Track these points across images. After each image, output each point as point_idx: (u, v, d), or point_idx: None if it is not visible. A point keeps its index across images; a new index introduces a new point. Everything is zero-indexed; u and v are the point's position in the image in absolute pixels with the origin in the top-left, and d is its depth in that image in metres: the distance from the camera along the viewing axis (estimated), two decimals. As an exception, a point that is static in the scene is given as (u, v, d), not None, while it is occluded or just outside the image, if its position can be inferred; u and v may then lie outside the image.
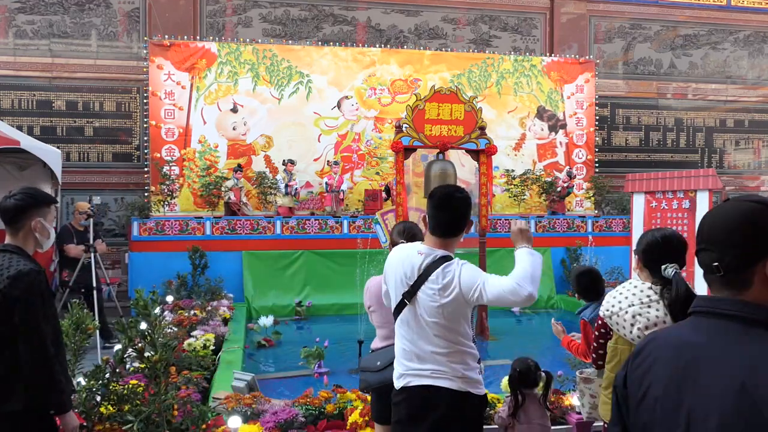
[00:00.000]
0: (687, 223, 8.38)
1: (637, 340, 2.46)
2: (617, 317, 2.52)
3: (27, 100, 10.19)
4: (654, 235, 2.57)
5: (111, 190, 10.32)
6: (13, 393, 2.39)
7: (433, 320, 2.40)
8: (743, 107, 12.91)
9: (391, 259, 2.63)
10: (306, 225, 9.37)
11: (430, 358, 2.40)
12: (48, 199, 2.67)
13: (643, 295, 2.49)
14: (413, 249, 2.54)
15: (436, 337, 2.40)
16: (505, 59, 11.29)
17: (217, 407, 3.66)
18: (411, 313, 2.46)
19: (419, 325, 2.44)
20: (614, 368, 2.57)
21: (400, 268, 2.51)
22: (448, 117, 5.05)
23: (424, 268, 2.44)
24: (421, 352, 2.43)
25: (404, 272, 2.49)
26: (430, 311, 2.40)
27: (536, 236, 10.05)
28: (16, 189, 2.62)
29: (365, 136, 10.80)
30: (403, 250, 2.59)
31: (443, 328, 2.40)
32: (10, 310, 2.37)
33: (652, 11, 12.43)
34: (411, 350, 2.45)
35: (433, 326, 2.40)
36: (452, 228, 2.54)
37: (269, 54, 10.44)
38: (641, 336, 2.43)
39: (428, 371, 2.40)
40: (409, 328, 2.47)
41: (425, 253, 2.48)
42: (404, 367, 2.48)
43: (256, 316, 7.97)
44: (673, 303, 2.24)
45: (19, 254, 2.50)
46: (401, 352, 2.51)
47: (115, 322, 3.47)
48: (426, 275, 2.42)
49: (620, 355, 2.55)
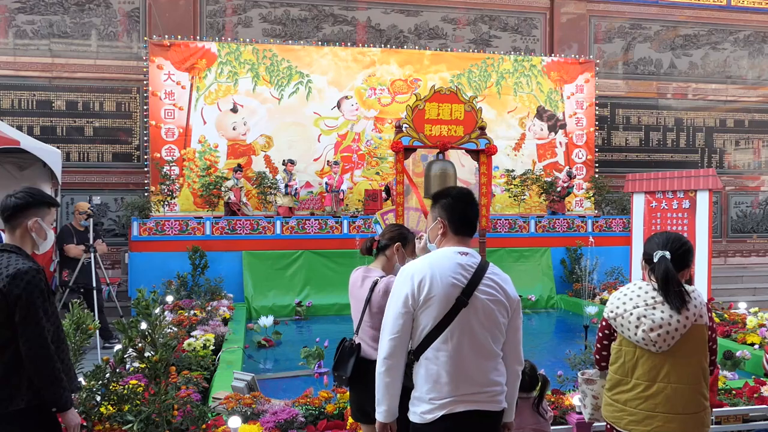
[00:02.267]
0: (687, 223, 8.38)
1: (641, 342, 2.45)
2: (622, 319, 2.50)
3: (27, 100, 10.19)
4: (658, 237, 2.59)
5: (111, 190, 10.33)
6: (16, 392, 2.40)
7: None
8: (743, 107, 12.91)
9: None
10: (306, 225, 9.37)
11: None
12: (48, 200, 2.66)
13: (648, 297, 2.48)
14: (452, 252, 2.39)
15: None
16: (505, 59, 11.29)
17: (217, 407, 3.66)
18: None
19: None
20: (618, 370, 2.55)
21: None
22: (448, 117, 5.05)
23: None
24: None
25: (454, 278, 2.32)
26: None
27: (536, 236, 10.09)
28: (19, 188, 2.63)
29: (365, 136, 10.80)
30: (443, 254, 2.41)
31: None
32: (11, 309, 2.38)
33: (652, 11, 12.44)
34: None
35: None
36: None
37: (269, 54, 10.44)
38: (646, 338, 2.42)
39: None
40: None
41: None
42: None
43: (256, 316, 7.97)
44: (657, 282, 2.46)
45: (18, 253, 2.50)
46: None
47: (115, 322, 3.47)
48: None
49: (624, 357, 2.52)
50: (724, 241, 12.68)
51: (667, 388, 2.43)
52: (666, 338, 2.40)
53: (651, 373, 2.45)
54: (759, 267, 12.35)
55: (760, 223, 12.95)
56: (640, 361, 2.47)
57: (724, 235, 12.75)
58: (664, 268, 2.44)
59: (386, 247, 3.11)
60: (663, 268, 2.45)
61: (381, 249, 3.13)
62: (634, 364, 2.49)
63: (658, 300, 2.45)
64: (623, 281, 9.43)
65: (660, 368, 2.44)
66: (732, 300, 8.19)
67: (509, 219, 10.13)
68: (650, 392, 2.45)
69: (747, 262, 12.68)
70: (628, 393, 2.50)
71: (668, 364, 2.43)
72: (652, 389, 2.45)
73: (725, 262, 12.51)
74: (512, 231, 10.03)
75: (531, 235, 10.08)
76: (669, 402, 2.43)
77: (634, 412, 2.47)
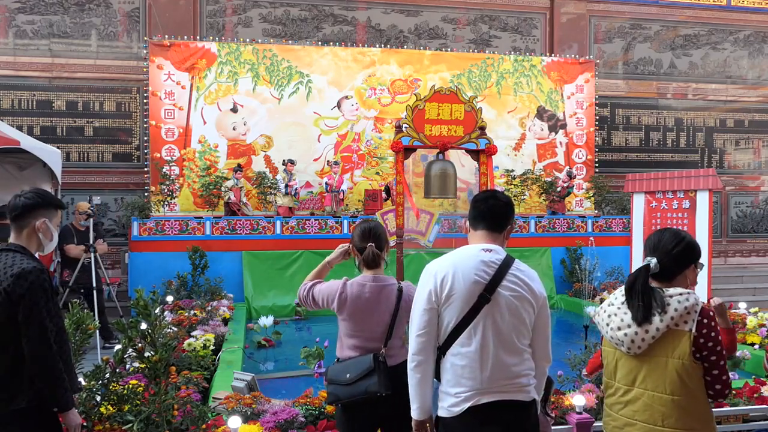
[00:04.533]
0: (687, 223, 8.38)
1: (613, 341, 2.35)
2: (598, 317, 2.44)
3: (27, 100, 10.19)
4: (652, 237, 2.48)
5: (111, 190, 10.33)
6: (18, 391, 2.40)
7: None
8: (743, 107, 12.91)
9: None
10: (306, 225, 9.37)
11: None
12: (56, 202, 2.69)
13: (622, 297, 2.38)
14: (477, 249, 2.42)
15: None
16: (505, 59, 11.29)
17: (217, 407, 3.66)
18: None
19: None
20: (605, 372, 2.45)
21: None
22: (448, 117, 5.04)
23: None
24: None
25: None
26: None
27: (536, 236, 10.09)
28: (28, 189, 2.65)
29: (365, 136, 10.80)
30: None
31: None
32: (14, 308, 2.38)
33: (652, 11, 12.44)
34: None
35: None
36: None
37: (269, 54, 10.44)
38: (613, 337, 2.33)
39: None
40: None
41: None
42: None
43: (256, 316, 7.97)
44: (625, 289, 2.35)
45: (23, 253, 2.51)
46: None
47: (114, 322, 3.47)
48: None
49: (607, 358, 2.42)
50: (724, 241, 12.69)
51: (644, 395, 2.26)
52: (634, 339, 2.25)
53: (629, 377, 2.31)
54: (759, 267, 12.35)
55: (760, 223, 12.95)
56: (620, 363, 2.36)
57: (724, 235, 12.75)
58: (633, 278, 2.32)
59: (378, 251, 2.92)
60: (632, 278, 2.33)
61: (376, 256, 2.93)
62: (615, 365, 2.38)
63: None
64: (623, 281, 9.42)
65: (637, 372, 2.29)
66: (732, 300, 8.18)
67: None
68: (629, 397, 2.31)
69: (747, 262, 12.68)
70: (612, 397, 2.39)
71: (645, 369, 2.26)
72: (631, 394, 2.30)
73: (725, 262, 12.52)
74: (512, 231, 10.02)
75: (531, 235, 10.08)
76: (647, 411, 2.25)
77: (616, 417, 2.35)
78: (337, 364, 2.87)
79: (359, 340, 2.83)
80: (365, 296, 2.81)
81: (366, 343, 2.81)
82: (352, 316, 2.82)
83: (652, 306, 2.24)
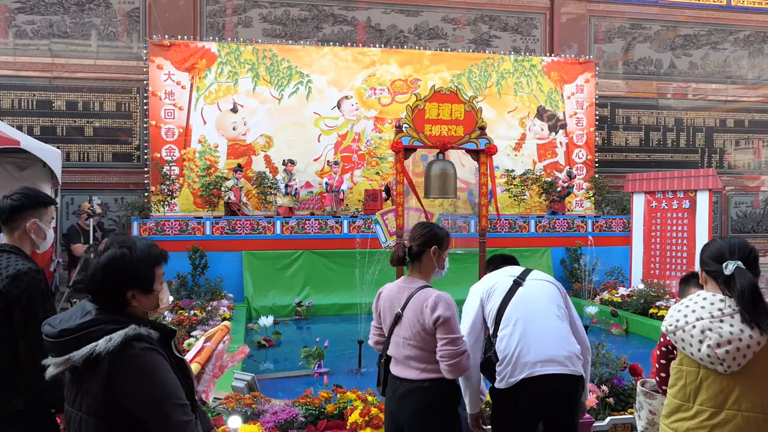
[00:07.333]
0: (687, 223, 8.38)
1: (706, 360, 2.07)
2: (682, 333, 2.12)
3: (27, 100, 10.18)
4: (720, 244, 2.24)
5: (111, 190, 10.32)
6: (14, 393, 2.39)
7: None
8: (743, 107, 12.91)
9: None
10: (306, 225, 9.37)
11: None
12: (44, 199, 2.64)
13: (713, 308, 2.10)
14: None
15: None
16: (505, 59, 11.29)
17: (217, 407, 3.66)
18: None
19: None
20: (677, 393, 2.17)
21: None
22: (448, 117, 5.05)
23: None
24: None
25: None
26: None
27: (536, 236, 10.09)
28: (16, 189, 2.61)
29: (365, 136, 10.80)
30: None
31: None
32: (10, 309, 2.37)
33: (652, 11, 12.43)
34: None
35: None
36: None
37: (269, 54, 10.44)
38: (711, 355, 2.04)
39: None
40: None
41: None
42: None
43: (256, 316, 7.97)
44: (740, 298, 2.06)
45: (17, 254, 2.50)
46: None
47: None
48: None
49: (686, 378, 2.14)
50: (724, 241, 12.66)
51: (737, 417, 2.04)
52: (736, 356, 2.01)
53: (718, 398, 2.07)
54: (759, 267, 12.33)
55: (760, 223, 12.95)
56: (705, 384, 2.09)
57: (724, 235, 12.74)
58: (748, 281, 2.07)
59: (421, 253, 2.74)
60: (746, 281, 2.07)
61: (414, 256, 2.76)
62: (698, 386, 2.11)
63: (726, 312, 2.08)
64: (623, 281, 9.43)
65: (729, 392, 2.06)
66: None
67: (509, 219, 10.13)
68: (716, 420, 2.06)
69: (747, 262, 12.65)
70: (690, 421, 2.11)
71: (739, 388, 2.04)
72: (719, 417, 2.06)
73: (725, 262, 12.48)
74: (512, 231, 10.04)
75: (531, 235, 10.09)
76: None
77: None
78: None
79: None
80: (388, 297, 2.91)
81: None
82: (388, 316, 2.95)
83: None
